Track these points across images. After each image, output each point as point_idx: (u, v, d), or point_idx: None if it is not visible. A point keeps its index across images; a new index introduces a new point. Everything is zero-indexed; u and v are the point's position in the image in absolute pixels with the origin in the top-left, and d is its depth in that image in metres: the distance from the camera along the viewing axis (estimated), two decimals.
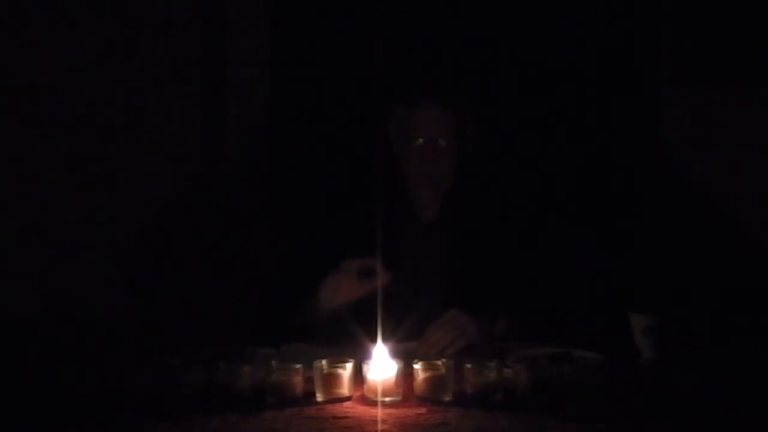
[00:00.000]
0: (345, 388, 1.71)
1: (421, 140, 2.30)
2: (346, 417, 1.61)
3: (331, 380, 1.71)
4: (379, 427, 1.55)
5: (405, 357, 1.79)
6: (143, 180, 2.83)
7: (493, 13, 2.97)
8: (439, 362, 1.74)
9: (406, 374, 1.74)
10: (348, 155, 2.84)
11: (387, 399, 1.68)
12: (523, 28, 2.97)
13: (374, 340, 1.81)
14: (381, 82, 2.82)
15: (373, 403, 1.68)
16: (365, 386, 1.72)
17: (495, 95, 2.81)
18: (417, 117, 2.32)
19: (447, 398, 1.69)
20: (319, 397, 1.70)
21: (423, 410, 1.64)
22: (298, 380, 1.71)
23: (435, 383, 1.70)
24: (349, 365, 1.72)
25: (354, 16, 2.97)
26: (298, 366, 1.72)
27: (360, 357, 1.77)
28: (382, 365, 1.72)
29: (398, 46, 2.96)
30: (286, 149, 2.96)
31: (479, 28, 2.96)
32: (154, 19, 2.83)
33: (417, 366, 1.72)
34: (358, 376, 1.73)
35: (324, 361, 1.73)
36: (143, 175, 2.83)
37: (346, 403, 1.69)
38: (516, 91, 2.92)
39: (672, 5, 2.96)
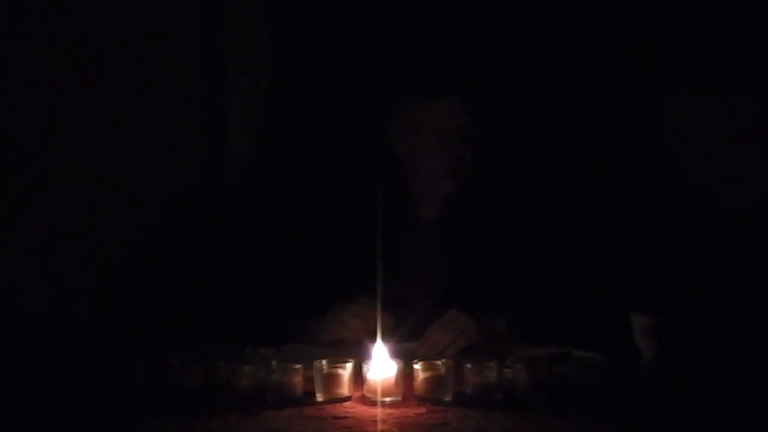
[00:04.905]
0: (345, 388, 1.71)
1: (444, 132, 2.30)
2: (346, 417, 1.61)
3: (331, 380, 1.71)
4: (379, 427, 1.55)
5: (405, 357, 1.79)
6: (143, 181, 2.83)
7: (494, 14, 2.97)
8: (439, 362, 1.74)
9: (406, 374, 1.74)
10: (349, 155, 2.84)
11: (387, 399, 1.69)
12: (523, 30, 2.97)
13: (374, 340, 1.81)
14: (389, 78, 2.81)
15: (373, 403, 1.68)
16: (365, 386, 1.72)
17: (497, 95, 2.80)
18: (439, 108, 2.31)
19: (447, 398, 1.69)
20: (319, 397, 1.70)
21: (423, 410, 1.64)
22: (298, 380, 1.71)
23: (435, 383, 1.70)
24: (349, 365, 1.73)
25: (357, 11, 2.97)
26: (298, 366, 1.72)
27: (360, 357, 1.77)
28: (382, 365, 1.72)
29: (405, 38, 2.95)
30: (287, 149, 2.95)
31: (485, 27, 2.96)
32: (154, 19, 2.83)
33: (417, 366, 1.72)
34: (358, 376, 1.73)
35: (324, 361, 1.73)
36: (143, 176, 2.83)
37: (346, 403, 1.69)
38: (517, 92, 2.91)
39: (672, 6, 2.95)
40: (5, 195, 2.75)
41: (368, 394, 1.71)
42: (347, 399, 1.71)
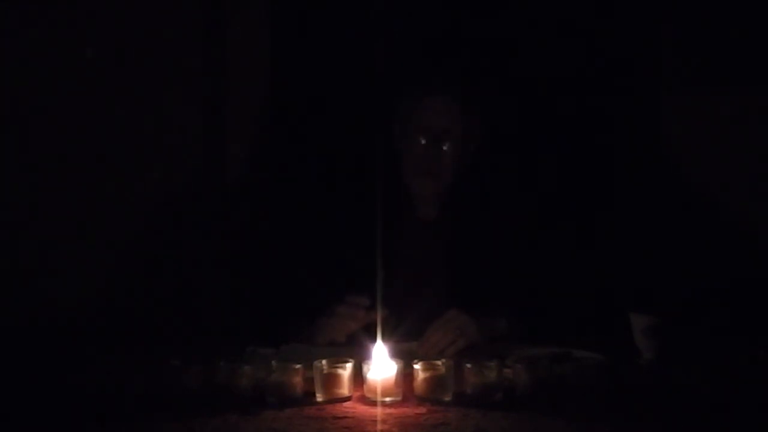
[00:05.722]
0: (345, 388, 1.71)
1: (424, 131, 2.30)
2: (346, 417, 1.61)
3: (331, 380, 1.71)
4: (379, 427, 1.56)
5: (405, 357, 1.79)
6: (143, 181, 2.83)
7: (496, 14, 2.97)
8: (439, 362, 1.74)
9: (406, 374, 1.74)
10: (349, 153, 2.84)
11: (387, 399, 1.69)
12: (526, 30, 2.97)
13: (374, 340, 1.81)
14: (385, 75, 2.81)
15: (373, 403, 1.68)
16: (365, 386, 1.72)
17: (498, 94, 2.80)
18: (422, 107, 2.32)
19: (447, 398, 1.69)
20: (319, 397, 1.70)
21: (423, 410, 1.64)
22: (298, 380, 1.71)
23: (435, 383, 1.70)
24: (349, 365, 1.73)
25: (357, 9, 2.97)
26: (298, 366, 1.72)
27: (360, 357, 1.77)
28: (382, 365, 1.72)
29: (405, 37, 2.95)
30: (286, 148, 2.96)
31: (484, 26, 2.96)
32: (154, 19, 2.83)
33: (417, 366, 1.72)
34: (358, 376, 1.73)
35: (324, 361, 1.73)
36: (143, 176, 2.83)
37: (346, 403, 1.69)
38: (519, 91, 2.91)
39: (673, 7, 2.95)
40: (5, 195, 2.75)
41: (368, 394, 1.70)
42: (347, 399, 1.71)
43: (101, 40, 2.79)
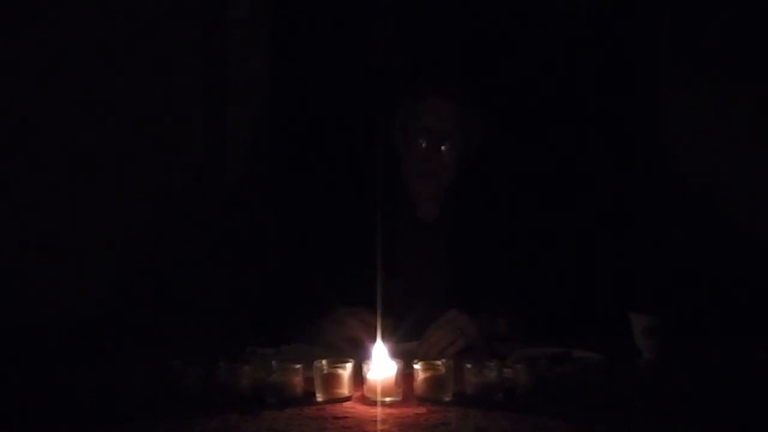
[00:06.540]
0: (345, 388, 1.71)
1: (424, 132, 2.30)
2: (346, 417, 1.61)
3: (331, 380, 1.71)
4: (379, 427, 1.56)
5: (405, 357, 1.79)
6: (143, 179, 2.83)
7: (496, 13, 2.97)
8: (439, 362, 1.74)
9: (406, 374, 1.74)
10: (349, 153, 2.84)
11: (387, 399, 1.69)
12: (525, 31, 2.97)
13: (374, 340, 1.81)
14: (385, 76, 2.82)
15: (373, 403, 1.68)
16: (365, 386, 1.72)
17: (498, 95, 2.81)
18: (422, 109, 2.32)
19: (447, 398, 1.69)
20: (319, 397, 1.70)
21: (423, 410, 1.64)
22: (298, 380, 1.71)
23: (435, 383, 1.70)
24: (349, 365, 1.73)
25: (357, 10, 2.97)
26: (298, 366, 1.72)
27: (360, 357, 1.77)
28: (382, 365, 1.72)
29: (404, 40, 2.96)
30: (286, 147, 2.96)
31: (483, 28, 2.97)
32: (154, 18, 2.84)
33: (417, 366, 1.73)
34: (358, 376, 1.74)
35: (324, 361, 1.73)
36: (143, 175, 2.83)
37: (346, 403, 1.69)
38: (518, 91, 2.92)
39: (673, 6, 2.96)
40: (5, 194, 2.75)
41: (368, 394, 1.71)
42: (347, 399, 1.71)
43: (101, 40, 2.79)
